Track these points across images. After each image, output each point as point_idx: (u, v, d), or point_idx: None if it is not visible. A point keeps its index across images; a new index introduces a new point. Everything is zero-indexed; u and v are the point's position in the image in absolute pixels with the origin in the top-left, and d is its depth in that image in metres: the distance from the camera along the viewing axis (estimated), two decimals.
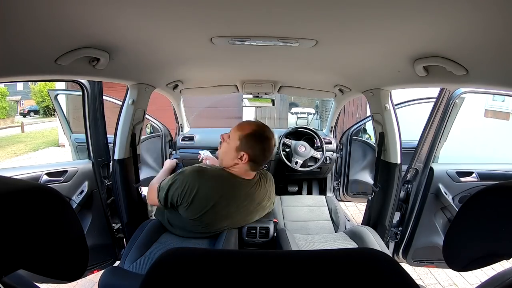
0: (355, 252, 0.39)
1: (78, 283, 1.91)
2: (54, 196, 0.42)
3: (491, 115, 3.72)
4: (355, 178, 2.63)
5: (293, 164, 2.31)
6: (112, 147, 1.52)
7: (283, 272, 0.32)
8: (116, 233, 1.65)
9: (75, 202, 1.48)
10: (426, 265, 1.81)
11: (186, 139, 2.50)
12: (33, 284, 0.48)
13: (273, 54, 1.10)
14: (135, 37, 0.86)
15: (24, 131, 10.45)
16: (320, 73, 1.50)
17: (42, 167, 1.47)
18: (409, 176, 1.72)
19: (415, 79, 1.04)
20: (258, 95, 2.10)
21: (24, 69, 0.78)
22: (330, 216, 2.02)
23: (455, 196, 1.65)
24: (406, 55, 0.94)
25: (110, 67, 1.01)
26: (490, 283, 0.52)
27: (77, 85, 1.48)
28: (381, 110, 1.51)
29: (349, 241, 1.53)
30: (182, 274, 0.31)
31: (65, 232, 0.43)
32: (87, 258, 0.47)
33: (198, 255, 0.35)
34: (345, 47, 0.96)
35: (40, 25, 0.65)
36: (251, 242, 1.44)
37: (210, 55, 1.12)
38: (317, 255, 0.36)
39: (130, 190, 1.57)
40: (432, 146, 1.63)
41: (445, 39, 0.75)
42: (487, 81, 0.83)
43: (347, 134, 2.63)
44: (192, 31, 0.82)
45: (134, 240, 1.24)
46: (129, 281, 0.74)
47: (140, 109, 1.50)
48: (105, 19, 0.71)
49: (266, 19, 0.73)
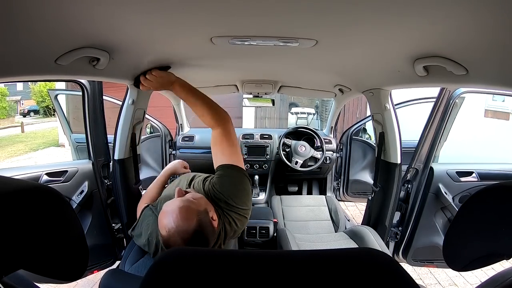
0: (355, 252, 0.39)
1: (78, 283, 1.91)
2: (54, 196, 0.42)
3: (491, 115, 3.72)
4: (355, 178, 2.63)
5: (293, 164, 2.31)
6: (112, 147, 1.52)
7: (283, 272, 0.32)
8: (116, 233, 1.65)
9: (75, 202, 1.48)
10: (426, 265, 1.81)
11: (186, 139, 2.50)
12: (33, 284, 0.48)
13: (273, 54, 1.10)
14: (135, 37, 0.86)
15: (24, 131, 10.46)
16: (320, 73, 1.50)
17: (42, 167, 1.47)
18: (409, 176, 1.72)
19: (415, 79, 1.04)
20: (258, 95, 2.10)
21: (24, 69, 0.78)
22: (330, 216, 2.02)
23: (455, 196, 1.65)
24: (406, 55, 0.93)
25: (110, 67, 1.01)
26: (490, 283, 0.52)
27: (77, 85, 1.48)
28: (381, 110, 1.51)
29: (349, 241, 1.54)
30: (182, 274, 0.31)
31: (65, 232, 0.43)
32: (87, 258, 0.47)
33: (198, 255, 0.35)
34: (345, 47, 0.96)
35: (40, 25, 0.65)
36: (251, 242, 1.44)
37: (210, 55, 1.11)
38: (317, 255, 0.35)
39: (130, 190, 1.57)
40: (432, 146, 1.63)
41: (445, 39, 0.75)
42: (487, 81, 0.83)
43: (347, 134, 2.63)
44: (192, 31, 0.82)
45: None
46: (129, 284, 0.74)
47: (140, 109, 1.49)
48: (105, 19, 0.71)
49: (266, 19, 0.73)
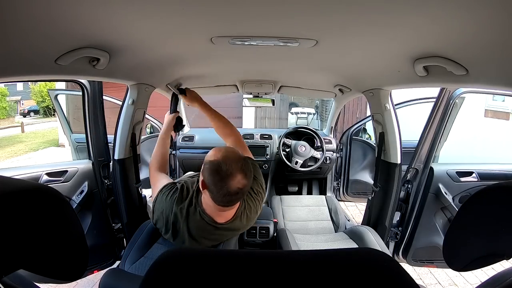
0: (355, 252, 0.39)
1: (78, 283, 1.91)
2: (54, 196, 0.42)
3: (491, 115, 3.72)
4: (355, 178, 2.63)
5: (293, 164, 2.31)
6: (112, 147, 1.52)
7: (283, 272, 0.32)
8: (116, 233, 1.65)
9: (75, 202, 1.48)
10: (426, 265, 1.81)
11: (186, 139, 2.50)
12: (33, 284, 0.48)
13: (273, 54, 1.10)
14: (135, 37, 0.86)
15: (24, 131, 10.45)
16: (320, 73, 1.50)
17: (42, 167, 1.47)
18: (409, 176, 1.72)
19: (415, 79, 1.04)
20: (258, 95, 2.10)
21: (24, 69, 0.78)
22: (330, 216, 2.02)
23: (455, 196, 1.65)
24: (406, 55, 0.93)
25: (110, 67, 1.01)
26: (490, 283, 0.52)
27: (77, 85, 1.48)
28: (381, 110, 1.51)
29: (349, 241, 1.54)
30: (182, 274, 0.31)
31: (65, 232, 0.43)
32: (87, 258, 0.47)
33: (198, 255, 0.35)
34: (345, 47, 0.96)
35: (40, 25, 0.65)
36: (251, 242, 1.44)
37: (210, 55, 1.11)
38: (317, 255, 0.35)
39: (130, 190, 1.57)
40: (432, 146, 1.63)
41: (445, 39, 0.75)
42: (487, 81, 0.83)
43: (347, 134, 2.63)
44: (192, 31, 0.82)
45: (134, 241, 1.23)
46: (129, 283, 0.74)
47: (140, 109, 1.49)
48: (105, 19, 0.71)
49: (266, 19, 0.73)
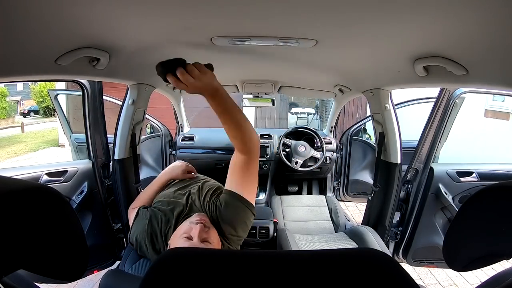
0: (355, 252, 0.38)
1: (78, 283, 1.91)
2: (54, 196, 0.42)
3: (491, 115, 3.72)
4: (355, 178, 2.63)
5: (293, 164, 2.31)
6: (112, 147, 1.52)
7: (283, 272, 0.32)
8: (116, 233, 1.65)
9: (75, 202, 1.48)
10: (426, 265, 1.81)
11: (186, 139, 2.50)
12: (33, 284, 0.48)
13: (273, 54, 1.10)
14: (135, 37, 0.86)
15: (24, 131, 10.46)
16: (320, 73, 1.50)
17: (42, 167, 1.47)
18: (409, 176, 1.72)
19: (415, 79, 1.04)
20: (258, 95, 2.10)
21: (24, 69, 0.78)
22: (330, 216, 2.02)
23: (455, 196, 1.65)
24: (406, 55, 0.93)
25: (110, 67, 1.01)
26: (490, 283, 0.52)
27: (77, 85, 1.48)
28: (381, 110, 1.51)
29: (349, 241, 1.54)
30: (182, 274, 0.31)
31: (65, 232, 0.43)
32: (87, 258, 0.47)
33: (198, 255, 0.35)
34: (345, 47, 0.96)
35: (40, 25, 0.65)
36: (251, 242, 1.44)
37: (210, 55, 1.11)
38: (317, 255, 0.35)
39: (130, 190, 1.57)
40: (432, 146, 1.62)
41: (445, 39, 0.75)
42: (487, 81, 0.83)
43: (347, 134, 2.63)
44: (192, 31, 0.82)
45: None
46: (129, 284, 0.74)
47: (140, 109, 1.49)
48: (105, 19, 0.71)
49: (266, 19, 0.73)
